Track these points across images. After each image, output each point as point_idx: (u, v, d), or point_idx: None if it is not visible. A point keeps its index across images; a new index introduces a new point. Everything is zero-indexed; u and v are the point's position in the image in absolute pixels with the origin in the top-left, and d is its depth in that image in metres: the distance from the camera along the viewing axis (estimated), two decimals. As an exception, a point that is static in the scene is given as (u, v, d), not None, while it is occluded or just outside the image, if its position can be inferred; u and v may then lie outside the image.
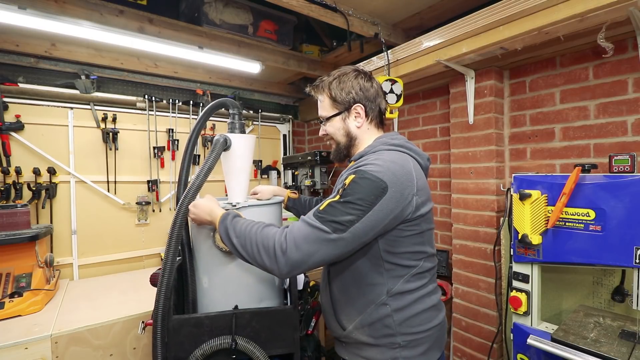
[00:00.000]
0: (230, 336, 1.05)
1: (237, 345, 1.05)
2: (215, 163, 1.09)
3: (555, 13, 1.32)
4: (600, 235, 1.17)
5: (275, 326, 1.12)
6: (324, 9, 1.89)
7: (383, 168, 0.88)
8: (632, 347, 1.10)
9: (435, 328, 1.00)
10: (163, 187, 2.64)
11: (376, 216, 0.84)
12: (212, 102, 1.25)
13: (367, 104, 1.06)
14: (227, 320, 1.08)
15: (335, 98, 1.06)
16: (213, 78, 2.86)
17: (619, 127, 1.52)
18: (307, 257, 0.83)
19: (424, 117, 2.38)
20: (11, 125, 2.06)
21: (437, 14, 2.11)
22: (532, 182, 1.34)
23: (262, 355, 1.06)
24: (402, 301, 0.95)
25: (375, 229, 0.86)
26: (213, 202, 1.06)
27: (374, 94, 1.07)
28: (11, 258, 1.71)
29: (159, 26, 2.07)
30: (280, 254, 0.83)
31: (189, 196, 1.05)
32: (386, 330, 0.95)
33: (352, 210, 0.83)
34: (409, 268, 0.96)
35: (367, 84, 1.07)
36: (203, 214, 1.04)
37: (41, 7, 1.74)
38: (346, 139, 1.09)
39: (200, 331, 1.07)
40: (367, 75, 1.09)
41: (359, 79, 1.06)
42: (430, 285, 1.02)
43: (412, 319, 0.96)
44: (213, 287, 1.18)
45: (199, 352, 1.03)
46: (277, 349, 1.12)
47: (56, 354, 1.43)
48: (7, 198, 2.01)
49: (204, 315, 1.09)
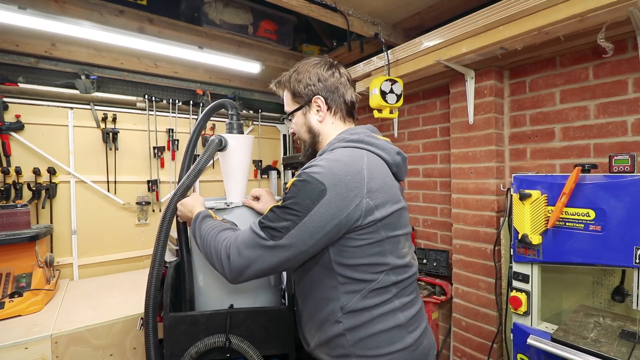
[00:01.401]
0: (225, 335, 1.06)
1: (231, 344, 1.05)
2: (207, 164, 1.12)
3: (555, 13, 1.32)
4: (600, 235, 1.17)
5: (270, 326, 1.12)
6: (324, 9, 1.89)
7: (324, 169, 0.79)
8: (632, 347, 1.10)
9: (400, 352, 0.84)
10: (163, 187, 2.64)
11: (313, 222, 0.77)
12: (212, 104, 1.26)
13: (328, 95, 0.96)
14: (222, 319, 1.09)
15: (294, 91, 0.99)
16: (213, 78, 2.86)
17: (619, 127, 1.52)
18: (248, 263, 0.80)
19: (424, 117, 2.38)
20: (11, 125, 2.06)
21: (437, 14, 2.11)
22: (532, 182, 1.34)
23: (255, 355, 1.06)
24: (356, 319, 0.84)
25: (315, 237, 0.78)
26: (196, 201, 1.08)
27: (335, 83, 0.97)
28: (11, 258, 1.71)
29: (159, 26, 2.07)
30: (225, 259, 0.83)
31: (178, 194, 1.10)
32: (341, 350, 0.85)
33: (288, 215, 0.78)
34: (365, 282, 0.83)
35: (326, 74, 0.97)
36: (186, 211, 1.08)
37: (41, 7, 1.74)
38: (309, 136, 1.00)
39: (196, 329, 1.08)
40: (329, 63, 0.99)
41: (317, 68, 0.97)
42: (395, 300, 0.86)
43: (368, 339, 0.83)
44: (208, 286, 1.19)
45: (194, 349, 1.04)
46: (272, 349, 1.13)
47: (56, 354, 1.43)
48: (7, 198, 2.01)
49: (200, 313, 1.10)
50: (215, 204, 1.15)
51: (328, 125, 0.99)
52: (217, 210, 1.14)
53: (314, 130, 0.99)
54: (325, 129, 0.99)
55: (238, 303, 1.15)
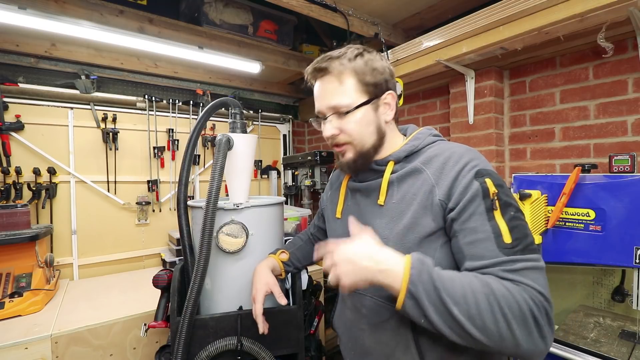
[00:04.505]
0: (236, 337, 1.04)
1: (243, 347, 1.03)
2: (225, 162, 1.07)
3: (555, 13, 1.32)
4: (600, 235, 1.17)
5: (280, 326, 1.11)
6: (324, 9, 1.89)
7: (482, 160, 0.72)
8: (632, 347, 1.10)
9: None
10: (163, 187, 2.64)
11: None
12: (213, 102, 1.23)
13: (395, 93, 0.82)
14: (231, 321, 1.07)
15: (366, 81, 0.77)
16: (213, 78, 2.86)
17: (619, 127, 1.52)
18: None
19: (424, 117, 2.38)
20: (11, 125, 2.06)
21: (437, 14, 2.11)
22: (532, 182, 1.34)
23: (267, 356, 1.05)
24: None
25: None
26: (373, 247, 0.66)
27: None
28: (11, 258, 1.71)
29: (159, 26, 2.07)
30: (545, 323, 0.57)
31: (212, 199, 1.00)
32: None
33: (523, 221, 0.66)
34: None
35: (391, 67, 0.83)
36: (362, 270, 0.63)
37: (41, 7, 1.74)
38: (375, 138, 0.79)
39: (205, 333, 1.06)
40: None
41: (384, 60, 0.81)
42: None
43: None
44: (216, 289, 1.17)
45: (204, 353, 1.02)
46: (281, 349, 1.11)
47: (56, 354, 1.43)
48: (7, 198, 2.00)
49: (209, 316, 1.08)
50: (223, 205, 1.14)
51: (391, 126, 0.83)
52: (225, 211, 1.13)
53: (382, 131, 0.80)
54: (388, 132, 0.82)
55: (246, 305, 1.13)
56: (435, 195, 0.70)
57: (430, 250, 0.71)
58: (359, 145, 0.79)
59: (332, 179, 1.11)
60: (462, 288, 0.58)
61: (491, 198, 0.66)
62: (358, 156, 0.80)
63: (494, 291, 0.57)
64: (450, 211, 0.68)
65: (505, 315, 0.56)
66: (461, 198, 0.67)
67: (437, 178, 0.72)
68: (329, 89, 0.78)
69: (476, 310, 0.56)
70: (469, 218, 0.66)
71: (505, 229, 0.63)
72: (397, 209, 0.76)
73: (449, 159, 0.72)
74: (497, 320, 0.56)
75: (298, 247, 1.18)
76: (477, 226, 0.65)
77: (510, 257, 0.61)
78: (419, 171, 0.76)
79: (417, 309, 0.59)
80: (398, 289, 0.60)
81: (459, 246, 0.67)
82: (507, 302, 0.56)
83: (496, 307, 0.56)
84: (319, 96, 0.80)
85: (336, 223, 0.95)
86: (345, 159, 0.81)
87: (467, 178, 0.68)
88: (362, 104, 0.77)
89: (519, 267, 0.60)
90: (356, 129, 0.77)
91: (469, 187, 0.67)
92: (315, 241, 1.21)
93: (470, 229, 0.65)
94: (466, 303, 0.57)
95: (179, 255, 2.31)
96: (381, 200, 0.78)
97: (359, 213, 0.85)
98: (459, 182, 0.69)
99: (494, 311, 0.56)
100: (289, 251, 1.15)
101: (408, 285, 0.59)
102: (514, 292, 0.57)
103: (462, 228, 0.66)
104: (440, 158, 0.74)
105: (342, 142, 0.80)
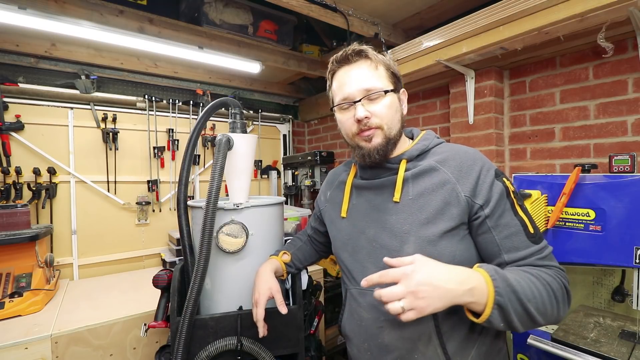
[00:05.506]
0: (236, 337, 1.04)
1: (243, 347, 1.03)
2: (225, 162, 1.06)
3: (555, 13, 1.32)
4: (600, 235, 1.17)
5: (280, 326, 1.11)
6: (324, 9, 1.89)
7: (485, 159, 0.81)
8: (632, 347, 1.10)
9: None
10: (163, 187, 2.64)
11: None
12: (213, 102, 1.23)
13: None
14: (231, 321, 1.07)
15: (392, 70, 0.84)
16: (213, 78, 2.86)
17: (619, 127, 1.52)
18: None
19: (424, 117, 2.38)
20: (11, 125, 2.06)
21: (437, 14, 2.11)
22: (532, 182, 1.34)
23: (267, 356, 1.05)
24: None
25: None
26: (445, 267, 0.64)
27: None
28: (11, 258, 1.71)
29: (159, 26, 2.07)
30: (566, 299, 0.71)
31: (212, 199, 0.99)
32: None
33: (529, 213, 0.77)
34: None
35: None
36: (448, 294, 0.60)
37: (41, 7, 1.74)
38: (399, 127, 0.84)
39: (205, 333, 1.06)
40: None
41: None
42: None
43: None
44: (216, 289, 1.17)
45: (204, 353, 1.02)
46: (281, 349, 1.11)
47: (56, 354, 1.43)
48: (7, 198, 2.00)
49: (209, 316, 1.08)
50: (224, 204, 1.14)
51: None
52: (225, 211, 1.13)
53: (404, 122, 0.86)
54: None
55: (246, 305, 1.13)
56: (459, 192, 0.76)
57: (453, 242, 0.76)
58: (387, 130, 0.81)
59: (329, 178, 1.11)
60: (528, 286, 0.65)
61: (512, 195, 0.75)
62: (387, 141, 0.81)
63: (548, 282, 0.68)
64: (480, 208, 0.75)
65: (557, 298, 0.67)
66: (490, 197, 0.74)
67: (457, 176, 0.77)
68: (364, 72, 0.81)
69: (541, 302, 0.65)
70: (502, 215, 0.74)
71: (527, 221, 0.74)
72: (416, 205, 0.79)
73: (464, 158, 0.79)
74: (552, 305, 0.67)
75: (299, 248, 1.20)
76: (509, 221, 0.73)
77: (539, 245, 0.72)
78: (435, 169, 0.80)
79: (502, 316, 0.63)
80: (483, 303, 0.62)
81: (494, 241, 0.74)
82: (556, 288, 0.68)
83: (552, 294, 0.67)
84: (352, 79, 0.81)
85: (342, 223, 0.96)
86: (373, 144, 0.81)
87: (489, 177, 0.76)
88: (391, 90, 0.81)
89: (547, 253, 0.73)
90: (388, 113, 0.80)
91: (493, 186, 0.75)
92: (313, 243, 1.22)
93: (504, 225, 0.74)
94: (535, 298, 0.64)
95: (179, 255, 2.31)
96: (397, 197, 0.81)
97: (369, 210, 0.88)
98: (482, 181, 0.76)
99: (551, 298, 0.67)
100: (290, 252, 1.16)
101: (495, 297, 0.62)
102: (553, 276, 0.69)
103: (496, 224, 0.74)
104: (456, 157, 0.80)
105: (373, 125, 0.80)
